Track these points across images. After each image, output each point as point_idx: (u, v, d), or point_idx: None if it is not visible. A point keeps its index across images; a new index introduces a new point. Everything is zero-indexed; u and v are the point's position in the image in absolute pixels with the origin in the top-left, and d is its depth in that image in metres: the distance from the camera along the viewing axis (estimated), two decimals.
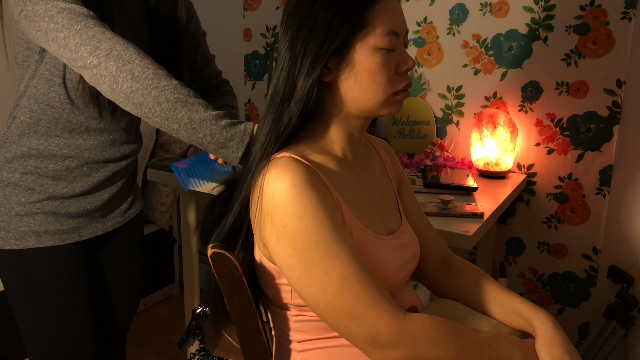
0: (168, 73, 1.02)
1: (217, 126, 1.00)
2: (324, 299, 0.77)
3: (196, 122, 0.99)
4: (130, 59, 0.99)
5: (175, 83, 1.00)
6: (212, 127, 1.00)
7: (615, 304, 1.65)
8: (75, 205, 1.24)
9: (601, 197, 1.78)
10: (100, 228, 1.30)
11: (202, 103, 1.01)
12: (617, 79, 1.69)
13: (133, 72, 0.99)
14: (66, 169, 1.20)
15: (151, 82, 0.99)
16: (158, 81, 0.99)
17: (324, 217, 0.77)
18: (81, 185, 1.23)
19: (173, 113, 0.99)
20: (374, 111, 0.86)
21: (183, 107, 0.99)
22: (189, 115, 0.99)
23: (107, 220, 1.32)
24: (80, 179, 1.23)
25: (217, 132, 1.00)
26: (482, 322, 0.93)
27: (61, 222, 1.22)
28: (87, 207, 1.26)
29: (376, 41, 0.82)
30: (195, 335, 0.98)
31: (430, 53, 1.97)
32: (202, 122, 0.99)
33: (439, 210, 1.40)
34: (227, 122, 1.01)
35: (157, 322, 2.44)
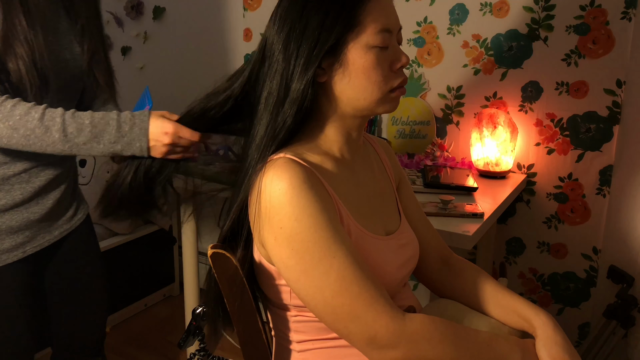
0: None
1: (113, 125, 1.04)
2: (323, 300, 0.77)
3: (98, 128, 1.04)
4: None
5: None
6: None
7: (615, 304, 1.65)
8: (17, 218, 1.16)
9: (601, 197, 1.78)
10: (47, 239, 1.23)
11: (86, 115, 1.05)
12: (617, 79, 1.68)
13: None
14: (2, 178, 1.13)
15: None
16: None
17: (322, 217, 0.77)
18: (21, 194, 1.16)
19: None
20: (370, 110, 0.86)
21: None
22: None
23: (54, 230, 1.25)
24: (19, 186, 1.15)
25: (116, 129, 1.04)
26: (481, 322, 0.93)
27: (2, 240, 1.14)
28: (31, 217, 1.18)
29: (369, 39, 0.82)
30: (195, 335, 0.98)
31: (430, 53, 1.97)
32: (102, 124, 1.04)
33: (439, 210, 1.40)
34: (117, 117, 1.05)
35: (157, 322, 2.44)
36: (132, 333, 2.35)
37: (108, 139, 1.04)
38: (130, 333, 2.35)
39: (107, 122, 1.05)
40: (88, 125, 1.04)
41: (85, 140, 1.04)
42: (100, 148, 1.05)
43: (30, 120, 1.02)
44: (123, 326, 2.39)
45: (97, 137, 1.04)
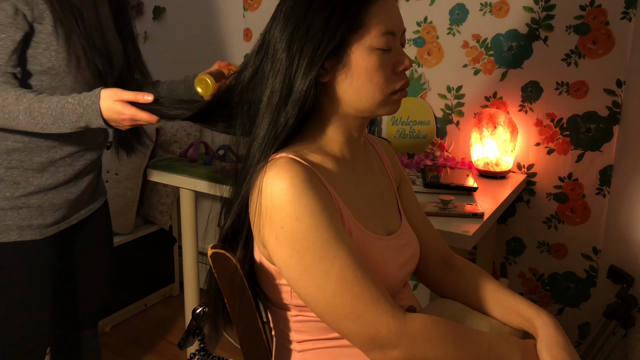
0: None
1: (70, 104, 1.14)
2: (323, 299, 0.77)
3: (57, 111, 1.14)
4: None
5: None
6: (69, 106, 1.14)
7: (615, 304, 1.65)
8: (58, 196, 1.30)
9: (601, 197, 1.78)
10: (76, 217, 1.38)
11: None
12: (617, 79, 1.68)
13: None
14: (50, 161, 1.27)
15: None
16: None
17: (322, 217, 0.77)
18: (64, 175, 1.29)
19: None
20: (371, 111, 0.86)
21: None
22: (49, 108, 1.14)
23: (82, 209, 1.39)
24: (63, 169, 1.29)
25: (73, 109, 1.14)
26: (482, 322, 0.93)
27: (45, 216, 1.28)
28: (69, 197, 1.32)
29: (372, 41, 0.82)
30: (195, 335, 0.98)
31: (430, 53, 1.97)
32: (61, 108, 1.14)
33: (439, 210, 1.40)
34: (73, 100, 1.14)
35: (157, 322, 2.44)
36: (132, 333, 2.35)
37: (69, 119, 1.14)
38: (130, 333, 2.35)
39: (63, 106, 1.14)
40: (48, 109, 1.14)
41: (52, 121, 1.14)
42: (68, 126, 1.16)
43: (6, 104, 1.13)
44: (123, 326, 2.39)
45: (60, 119, 1.14)
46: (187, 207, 1.92)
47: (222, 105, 0.93)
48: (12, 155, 1.23)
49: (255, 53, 0.88)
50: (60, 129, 1.16)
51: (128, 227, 2.38)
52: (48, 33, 1.18)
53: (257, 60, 0.87)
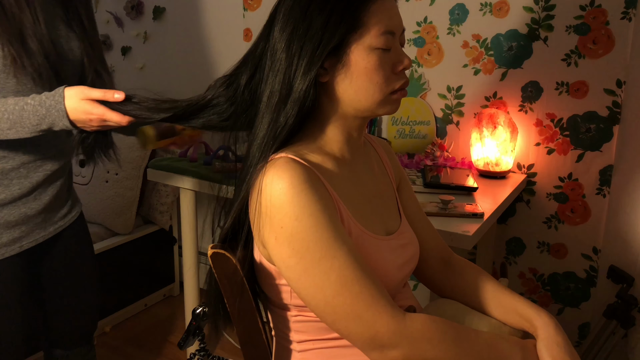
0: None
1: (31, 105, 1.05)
2: (323, 299, 0.77)
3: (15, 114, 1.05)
4: None
5: None
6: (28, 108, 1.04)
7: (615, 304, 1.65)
8: (14, 213, 1.18)
9: (601, 197, 1.78)
10: (42, 235, 1.25)
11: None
12: (617, 79, 1.68)
13: None
14: (1, 172, 1.15)
15: None
16: None
17: (322, 217, 0.77)
18: (19, 188, 1.18)
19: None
20: (371, 111, 0.86)
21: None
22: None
23: (49, 226, 1.27)
24: (17, 181, 1.17)
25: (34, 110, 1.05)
26: (482, 322, 0.93)
27: (0, 234, 1.17)
28: (28, 212, 1.20)
29: (372, 41, 0.82)
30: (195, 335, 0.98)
31: (430, 53, 1.97)
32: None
33: (439, 210, 1.40)
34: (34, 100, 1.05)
35: (157, 322, 2.44)
36: (132, 333, 2.35)
37: (29, 122, 1.05)
38: (130, 333, 2.35)
39: (21, 107, 1.05)
40: (4, 112, 1.05)
41: (9, 126, 1.05)
42: (27, 130, 1.06)
43: None
44: (123, 326, 2.39)
45: (18, 123, 1.05)
46: (187, 207, 1.92)
47: (210, 106, 0.90)
48: None
49: (251, 53, 0.88)
50: (18, 133, 1.06)
51: (128, 227, 2.38)
52: None
53: (255, 59, 0.87)
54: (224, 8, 2.40)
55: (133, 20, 2.71)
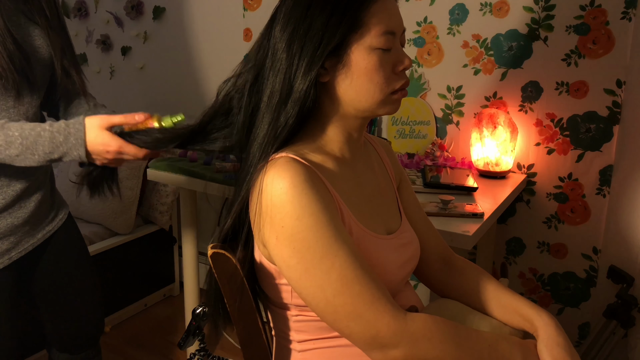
0: None
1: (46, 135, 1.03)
2: (324, 299, 0.77)
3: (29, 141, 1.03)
4: None
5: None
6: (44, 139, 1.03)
7: (615, 304, 1.65)
8: (2, 223, 1.16)
9: (601, 197, 1.78)
10: (31, 243, 1.23)
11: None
12: (617, 79, 1.68)
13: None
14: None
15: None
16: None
17: (323, 217, 0.77)
18: (3, 198, 1.15)
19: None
20: (371, 111, 0.86)
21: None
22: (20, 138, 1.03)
23: (37, 233, 1.24)
24: (0, 191, 1.14)
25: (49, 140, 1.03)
26: (482, 322, 0.93)
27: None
28: (15, 222, 1.18)
29: (372, 41, 0.82)
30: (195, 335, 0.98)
31: (430, 53, 1.97)
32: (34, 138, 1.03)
33: (439, 210, 1.40)
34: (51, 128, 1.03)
35: (157, 322, 2.44)
36: (132, 333, 2.35)
37: (42, 150, 1.03)
38: (130, 333, 2.35)
39: (38, 133, 1.03)
40: (18, 137, 1.03)
41: (18, 152, 1.03)
42: (36, 159, 1.04)
43: None
44: (123, 326, 2.39)
45: (30, 149, 1.03)
46: (187, 207, 1.92)
47: (219, 119, 0.92)
48: None
49: (254, 55, 0.88)
50: (24, 161, 1.04)
51: (128, 227, 2.38)
52: None
53: (258, 62, 0.87)
54: (224, 8, 2.40)
55: (133, 20, 2.71)
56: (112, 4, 2.75)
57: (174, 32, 2.60)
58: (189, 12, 2.52)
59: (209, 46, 2.50)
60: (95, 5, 2.82)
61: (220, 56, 2.47)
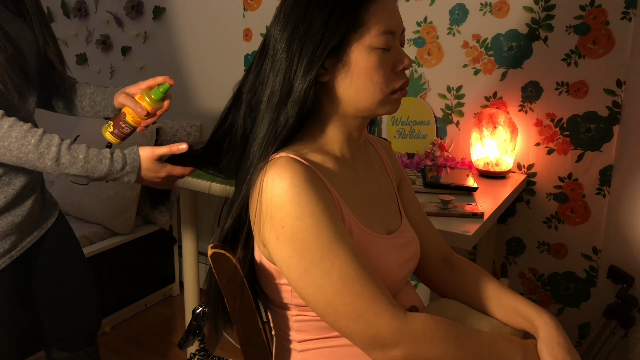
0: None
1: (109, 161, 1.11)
2: (324, 299, 0.77)
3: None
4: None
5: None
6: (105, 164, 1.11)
7: (615, 304, 1.65)
8: (3, 222, 1.17)
9: (601, 197, 1.78)
10: (28, 240, 1.25)
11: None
12: (617, 79, 1.68)
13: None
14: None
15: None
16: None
17: (323, 216, 0.77)
18: (4, 197, 1.17)
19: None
20: (371, 110, 0.86)
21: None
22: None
23: (33, 230, 1.27)
24: (1, 190, 1.16)
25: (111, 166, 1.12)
26: (483, 322, 0.93)
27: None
28: (15, 220, 1.20)
29: (372, 41, 0.82)
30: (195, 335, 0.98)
31: (430, 53, 1.97)
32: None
33: (439, 210, 1.40)
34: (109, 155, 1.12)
35: (157, 322, 2.44)
36: (132, 333, 2.35)
37: (98, 174, 1.12)
38: (130, 333, 2.35)
39: (100, 160, 1.11)
40: (81, 160, 1.10)
41: (77, 172, 1.11)
42: (90, 179, 1.13)
43: (26, 144, 1.08)
44: (123, 326, 2.39)
45: (88, 172, 1.11)
46: (187, 207, 1.92)
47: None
48: None
49: (258, 56, 0.88)
50: (76, 179, 1.14)
51: (128, 227, 2.38)
52: None
53: (259, 64, 0.87)
54: (224, 8, 2.40)
55: (133, 20, 2.71)
56: (112, 4, 2.75)
57: (174, 32, 2.60)
58: (189, 12, 2.52)
59: (209, 46, 2.50)
60: (95, 5, 2.82)
61: (220, 56, 2.47)
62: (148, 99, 1.22)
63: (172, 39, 2.60)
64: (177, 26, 2.58)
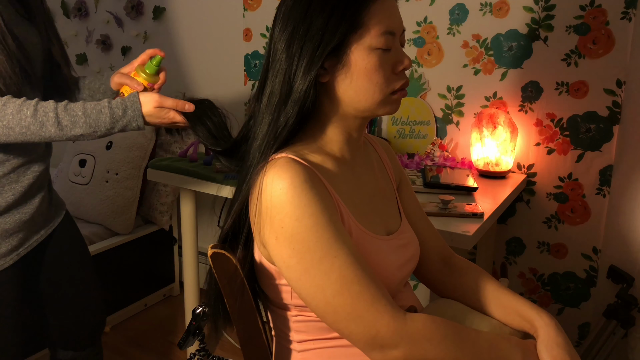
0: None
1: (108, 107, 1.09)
2: (324, 299, 0.77)
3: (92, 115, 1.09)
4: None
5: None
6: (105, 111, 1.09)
7: (615, 304, 1.65)
8: (10, 220, 1.18)
9: (601, 197, 1.78)
10: (35, 238, 1.26)
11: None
12: (617, 79, 1.68)
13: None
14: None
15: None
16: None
17: (322, 217, 0.77)
18: (13, 194, 1.17)
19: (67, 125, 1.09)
20: (371, 111, 0.86)
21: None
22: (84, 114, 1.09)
23: (40, 229, 1.27)
24: (9, 187, 1.17)
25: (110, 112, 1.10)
26: (482, 322, 0.93)
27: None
28: (23, 218, 1.20)
29: (372, 41, 0.82)
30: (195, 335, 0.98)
31: (430, 53, 1.97)
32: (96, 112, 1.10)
33: (439, 210, 1.40)
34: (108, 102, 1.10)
35: (157, 322, 2.44)
36: (132, 333, 2.35)
37: (104, 126, 1.09)
38: (130, 333, 2.35)
39: (99, 110, 1.09)
40: (82, 116, 1.08)
41: (82, 131, 1.09)
42: (99, 134, 1.11)
43: (24, 117, 1.06)
44: (123, 326, 2.39)
45: (92, 127, 1.09)
46: (187, 207, 1.92)
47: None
48: None
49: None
50: (86, 138, 1.11)
51: (128, 227, 2.38)
52: None
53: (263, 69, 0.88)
54: (224, 8, 2.40)
55: (133, 20, 2.71)
56: (112, 4, 2.75)
57: (174, 32, 2.60)
58: (189, 12, 2.52)
59: (209, 46, 2.49)
60: (95, 5, 2.82)
61: (220, 56, 2.47)
62: (143, 74, 1.24)
63: (172, 39, 2.60)
64: (177, 26, 2.58)
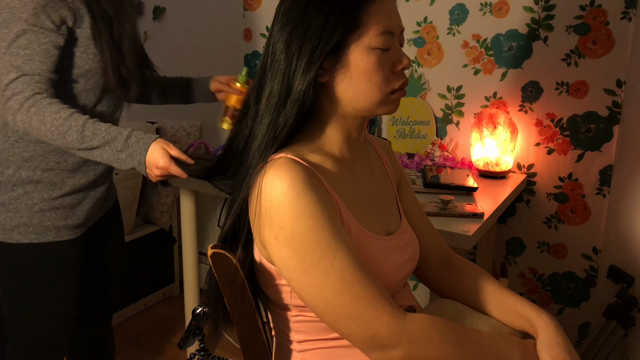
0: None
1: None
2: (323, 300, 0.77)
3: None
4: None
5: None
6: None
7: (615, 304, 1.65)
8: (88, 196, 1.33)
9: (601, 197, 1.78)
10: (97, 215, 1.40)
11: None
12: (617, 79, 1.68)
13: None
14: (83, 160, 1.29)
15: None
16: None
17: (322, 217, 0.77)
18: (94, 174, 1.33)
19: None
20: (370, 111, 0.86)
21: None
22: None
23: (99, 210, 1.41)
24: (92, 167, 1.32)
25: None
26: (482, 322, 0.93)
27: (78, 215, 1.32)
28: (97, 195, 1.36)
29: (371, 41, 0.82)
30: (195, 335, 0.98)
31: (430, 53, 1.97)
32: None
33: (439, 210, 1.40)
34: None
35: (157, 322, 2.44)
36: (132, 333, 2.35)
37: (116, 146, 1.16)
38: (130, 333, 2.35)
39: (119, 132, 1.17)
40: (103, 131, 1.16)
41: (98, 144, 1.16)
42: (108, 152, 1.17)
43: (58, 118, 1.14)
44: (123, 326, 2.39)
45: (108, 143, 1.16)
46: (187, 207, 1.92)
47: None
48: (49, 157, 1.25)
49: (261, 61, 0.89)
50: (99, 156, 1.17)
51: (128, 227, 2.38)
52: (87, 37, 1.21)
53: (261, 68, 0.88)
54: (224, 8, 2.40)
55: None
56: None
57: (174, 32, 2.60)
58: (189, 12, 2.52)
59: (209, 46, 2.49)
60: None
61: (220, 56, 2.47)
62: (238, 83, 1.53)
63: (172, 39, 2.60)
64: (177, 26, 2.58)
